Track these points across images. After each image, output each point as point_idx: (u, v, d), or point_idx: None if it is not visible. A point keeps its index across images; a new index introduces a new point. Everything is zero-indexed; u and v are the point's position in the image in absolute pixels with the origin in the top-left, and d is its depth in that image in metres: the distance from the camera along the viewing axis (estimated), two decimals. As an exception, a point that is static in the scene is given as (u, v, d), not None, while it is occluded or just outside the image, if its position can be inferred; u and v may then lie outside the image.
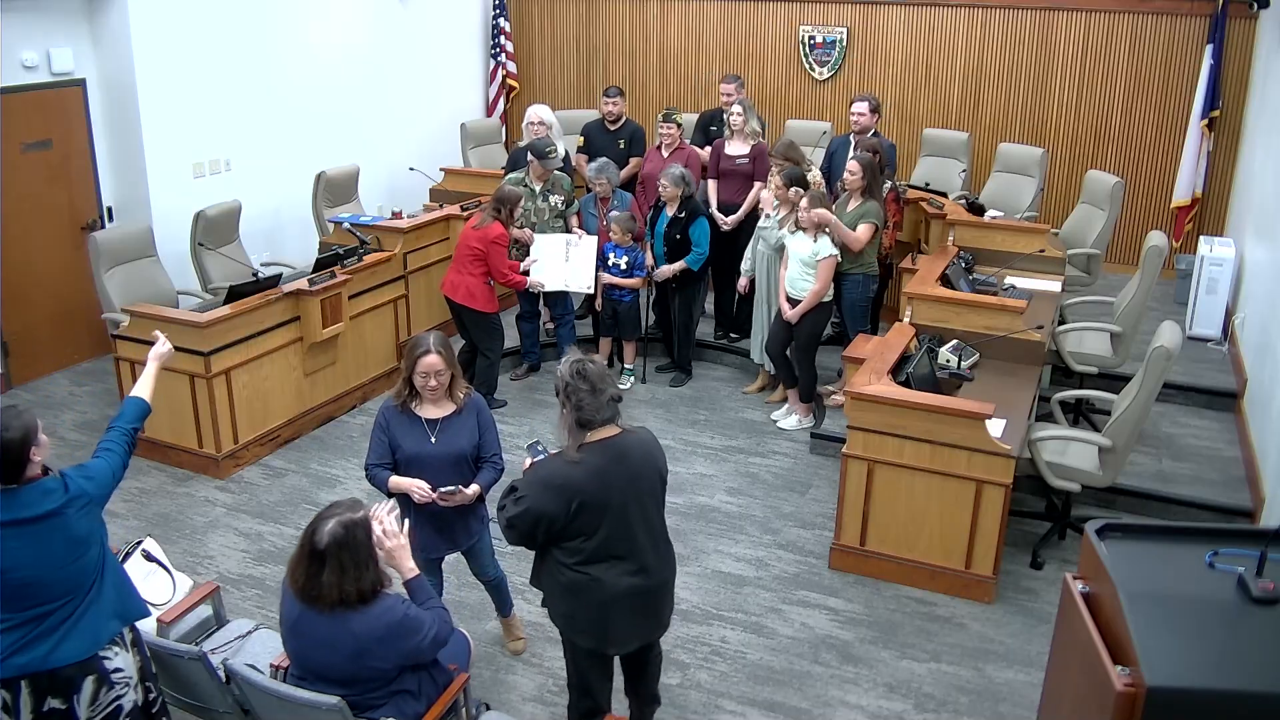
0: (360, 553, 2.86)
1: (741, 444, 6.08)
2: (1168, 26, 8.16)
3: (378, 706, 2.97)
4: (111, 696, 2.95)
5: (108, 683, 2.93)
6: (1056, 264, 6.34)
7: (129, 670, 3.01)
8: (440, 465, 3.72)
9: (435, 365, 3.64)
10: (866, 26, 8.98)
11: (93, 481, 2.93)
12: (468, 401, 3.81)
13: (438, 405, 3.76)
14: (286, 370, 6.00)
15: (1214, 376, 6.62)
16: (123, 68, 6.67)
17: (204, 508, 5.38)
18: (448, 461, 3.73)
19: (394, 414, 3.76)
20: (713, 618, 4.52)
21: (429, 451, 3.71)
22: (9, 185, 6.30)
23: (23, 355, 6.62)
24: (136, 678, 3.04)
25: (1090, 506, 5.23)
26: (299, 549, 2.89)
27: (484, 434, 3.82)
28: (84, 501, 2.88)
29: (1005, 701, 4.03)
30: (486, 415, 3.86)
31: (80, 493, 2.88)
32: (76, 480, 2.90)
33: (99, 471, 2.97)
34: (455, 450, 3.74)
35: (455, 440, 3.75)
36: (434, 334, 3.74)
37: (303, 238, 7.75)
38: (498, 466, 3.86)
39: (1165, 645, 2.16)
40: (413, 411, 3.74)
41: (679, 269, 6.45)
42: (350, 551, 2.83)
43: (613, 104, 7.39)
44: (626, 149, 7.31)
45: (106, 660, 2.93)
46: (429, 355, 3.63)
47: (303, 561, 2.86)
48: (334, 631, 2.87)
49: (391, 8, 8.80)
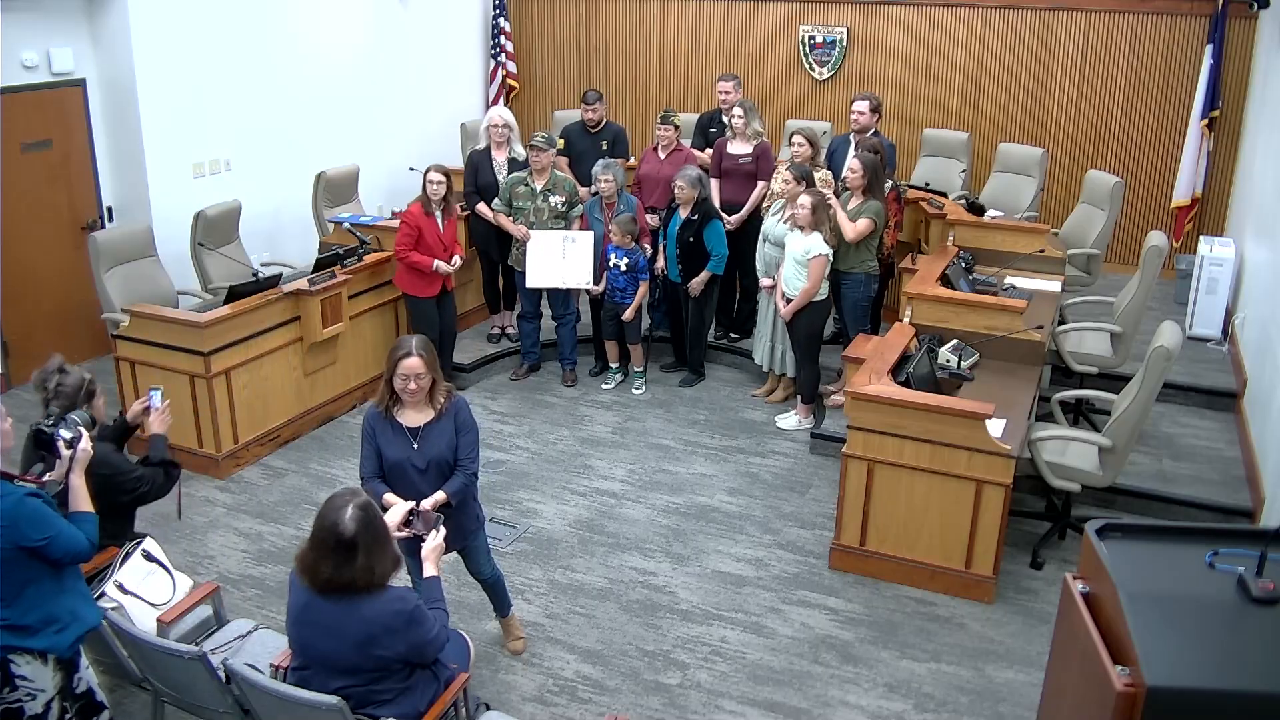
0: (380, 531, 2.89)
1: (741, 444, 6.08)
2: (1168, 26, 8.16)
3: (380, 703, 2.97)
4: (14, 696, 3.04)
5: (11, 684, 3.03)
6: (1056, 264, 6.34)
7: (41, 683, 3.07)
8: (424, 472, 3.68)
9: (415, 368, 3.56)
10: (866, 26, 8.98)
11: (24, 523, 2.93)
12: (448, 407, 3.75)
13: (419, 411, 3.70)
14: (286, 370, 6.00)
15: (1214, 376, 6.62)
16: (123, 68, 6.67)
17: (204, 508, 5.38)
18: (430, 469, 3.69)
19: (378, 421, 3.68)
20: (713, 618, 4.52)
21: (411, 459, 3.67)
22: (9, 185, 6.30)
23: (23, 355, 6.62)
24: (52, 692, 3.11)
25: (1090, 506, 5.23)
26: (318, 545, 2.84)
27: (460, 436, 3.74)
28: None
29: (1005, 701, 4.03)
30: (465, 416, 3.78)
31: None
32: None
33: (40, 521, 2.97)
34: (435, 457, 3.69)
35: (434, 447, 3.69)
36: (417, 337, 3.67)
37: (303, 238, 7.74)
38: (468, 471, 3.74)
39: (1165, 645, 2.16)
40: (395, 418, 3.69)
41: (706, 278, 6.44)
42: (373, 532, 2.85)
43: (592, 111, 7.28)
44: (610, 150, 7.27)
45: (14, 666, 3.02)
46: (409, 358, 3.56)
47: (328, 555, 2.82)
48: (343, 617, 2.87)
49: (391, 8, 8.80)
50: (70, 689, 3.19)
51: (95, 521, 3.16)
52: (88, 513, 3.16)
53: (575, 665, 4.22)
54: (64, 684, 3.16)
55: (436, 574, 3.29)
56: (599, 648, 4.33)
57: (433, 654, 3.08)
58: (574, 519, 5.30)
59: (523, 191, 6.51)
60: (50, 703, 3.11)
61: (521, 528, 5.20)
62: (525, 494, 5.53)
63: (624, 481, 5.67)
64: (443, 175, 6.17)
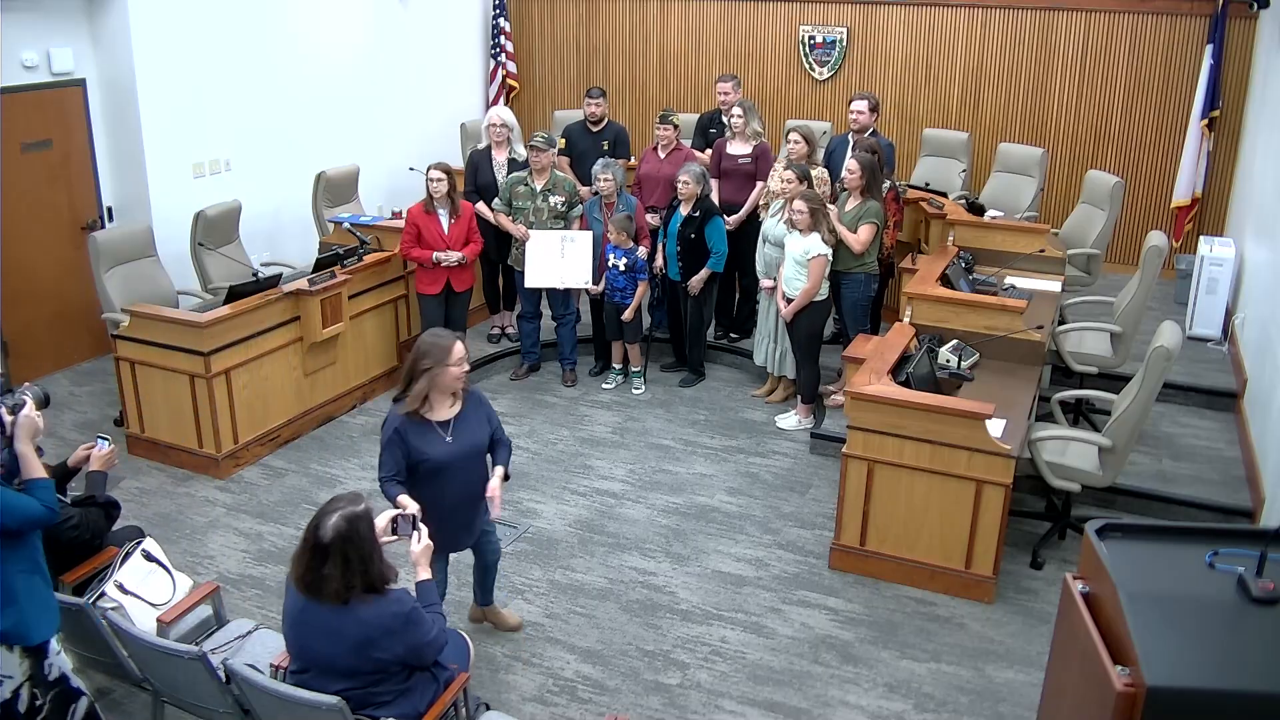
0: (364, 546, 2.87)
1: (741, 444, 6.08)
2: (1168, 26, 8.16)
3: (380, 704, 2.97)
4: None
5: None
6: (1056, 264, 6.34)
7: (7, 670, 3.07)
8: (464, 464, 3.76)
9: (464, 353, 3.70)
10: (866, 26, 8.98)
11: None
12: (468, 396, 3.82)
13: (447, 406, 3.75)
14: (286, 370, 6.00)
15: (1214, 376, 6.62)
16: (123, 68, 6.67)
17: (204, 508, 5.38)
18: (471, 459, 3.78)
19: (407, 425, 3.66)
20: (713, 618, 4.52)
21: (452, 453, 3.71)
22: (9, 185, 6.30)
23: (23, 355, 6.62)
24: (21, 679, 3.10)
25: (1090, 506, 5.23)
26: (302, 543, 2.90)
27: (490, 418, 3.90)
28: None
29: (1005, 701, 4.03)
30: (484, 399, 3.94)
31: None
32: None
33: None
34: (474, 445, 3.79)
35: (472, 436, 3.79)
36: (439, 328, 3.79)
37: (303, 238, 7.74)
38: (507, 441, 3.97)
39: (1165, 645, 2.16)
40: (424, 418, 3.71)
41: (706, 276, 6.44)
42: (354, 545, 2.85)
43: (595, 105, 7.31)
44: (610, 150, 7.27)
45: None
46: (457, 344, 3.67)
47: (305, 554, 2.87)
48: (339, 621, 2.87)
49: (391, 8, 8.80)
50: (42, 675, 3.16)
51: (51, 487, 3.11)
52: (41, 479, 3.10)
53: (575, 665, 4.22)
54: (33, 670, 3.13)
55: (429, 576, 3.28)
56: (599, 648, 4.33)
57: (431, 656, 3.09)
58: (574, 519, 5.30)
59: (522, 191, 6.51)
60: (19, 690, 3.08)
61: (521, 528, 5.20)
62: (525, 494, 5.53)
63: (624, 481, 5.67)
64: (443, 173, 6.17)
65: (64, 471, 3.81)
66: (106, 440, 3.83)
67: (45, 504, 3.05)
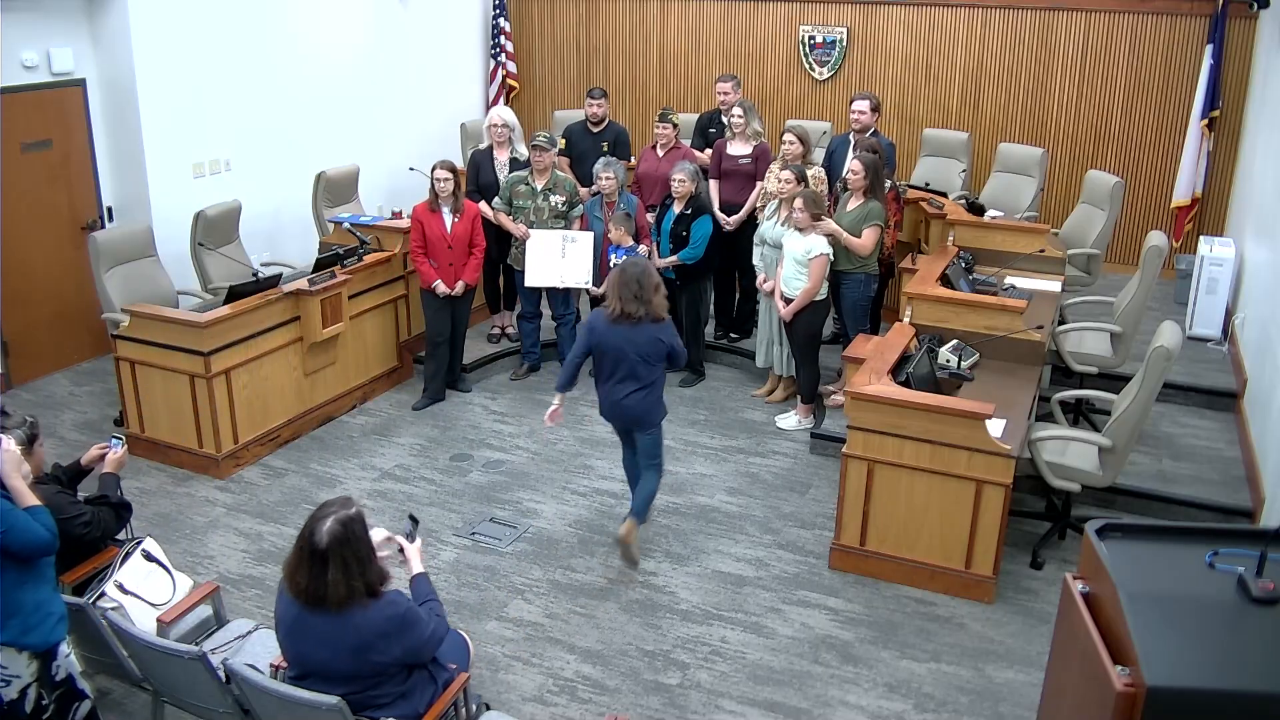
0: (361, 548, 2.87)
1: (741, 444, 6.08)
2: (1168, 26, 8.16)
3: (379, 706, 2.97)
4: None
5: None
6: (1056, 264, 6.34)
7: (15, 670, 3.10)
8: (637, 356, 4.64)
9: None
10: (866, 26, 8.98)
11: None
12: None
13: None
14: (286, 370, 6.00)
15: (1214, 376, 6.61)
16: (123, 68, 6.67)
17: (204, 508, 5.38)
18: (644, 354, 4.65)
19: (604, 324, 4.64)
20: (713, 618, 4.52)
21: (625, 348, 4.62)
22: (9, 185, 6.30)
23: (23, 355, 6.62)
24: (28, 679, 3.13)
25: (1090, 506, 5.23)
26: (296, 552, 2.88)
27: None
28: None
29: (1005, 701, 4.03)
30: None
31: None
32: None
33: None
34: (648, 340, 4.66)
35: (644, 333, 4.63)
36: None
37: (303, 238, 7.74)
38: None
39: (1165, 645, 2.16)
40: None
41: (674, 262, 6.44)
42: (351, 548, 2.84)
43: (597, 105, 7.30)
44: (611, 151, 7.25)
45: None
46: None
47: (304, 564, 2.85)
48: (335, 627, 2.87)
49: (391, 8, 8.80)
50: (49, 676, 3.19)
51: (47, 512, 3.13)
52: (35, 506, 3.12)
53: (575, 665, 4.22)
54: (41, 672, 3.16)
55: (423, 570, 3.29)
56: (599, 648, 4.33)
57: (430, 652, 3.08)
58: (574, 519, 5.30)
59: (523, 191, 6.52)
60: (26, 689, 3.12)
61: (521, 528, 5.20)
62: (525, 494, 5.53)
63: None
64: (448, 172, 6.16)
65: (77, 470, 3.88)
66: (120, 441, 3.88)
67: (47, 528, 3.10)
